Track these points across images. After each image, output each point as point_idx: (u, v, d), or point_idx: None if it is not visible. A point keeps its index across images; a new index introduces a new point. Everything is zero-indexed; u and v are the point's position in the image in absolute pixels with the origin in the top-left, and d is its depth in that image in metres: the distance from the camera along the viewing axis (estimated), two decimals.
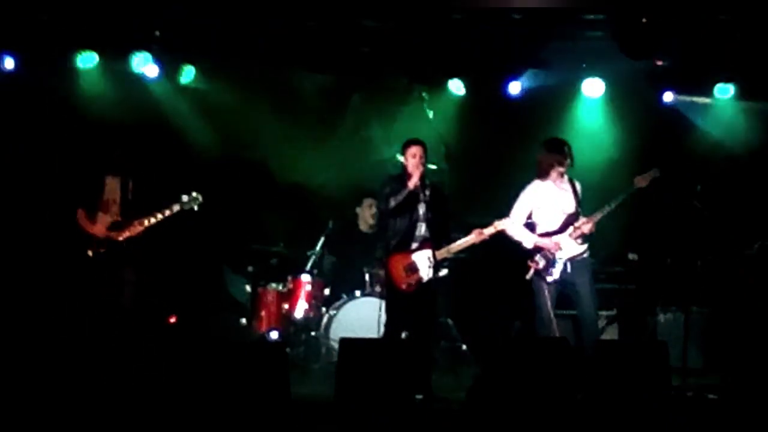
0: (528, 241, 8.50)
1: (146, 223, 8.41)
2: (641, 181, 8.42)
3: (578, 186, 8.61)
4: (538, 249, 8.46)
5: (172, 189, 8.62)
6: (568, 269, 8.42)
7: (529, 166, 8.70)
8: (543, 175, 8.53)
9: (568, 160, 8.50)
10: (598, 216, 8.43)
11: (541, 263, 8.44)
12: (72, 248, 8.41)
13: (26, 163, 9.82)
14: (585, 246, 8.49)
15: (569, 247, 8.45)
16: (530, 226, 8.55)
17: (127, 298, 8.43)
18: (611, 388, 6.95)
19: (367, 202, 10.11)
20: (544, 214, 8.55)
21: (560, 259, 8.42)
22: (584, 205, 8.57)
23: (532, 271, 8.46)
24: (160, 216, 8.43)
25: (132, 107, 10.11)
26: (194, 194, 8.53)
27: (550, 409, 6.67)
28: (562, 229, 8.50)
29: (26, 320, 8.87)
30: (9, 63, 9.91)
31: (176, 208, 8.47)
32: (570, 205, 8.54)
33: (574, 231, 8.45)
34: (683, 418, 7.08)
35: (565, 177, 8.58)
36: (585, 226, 8.43)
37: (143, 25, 9.84)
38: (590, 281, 8.48)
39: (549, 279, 8.40)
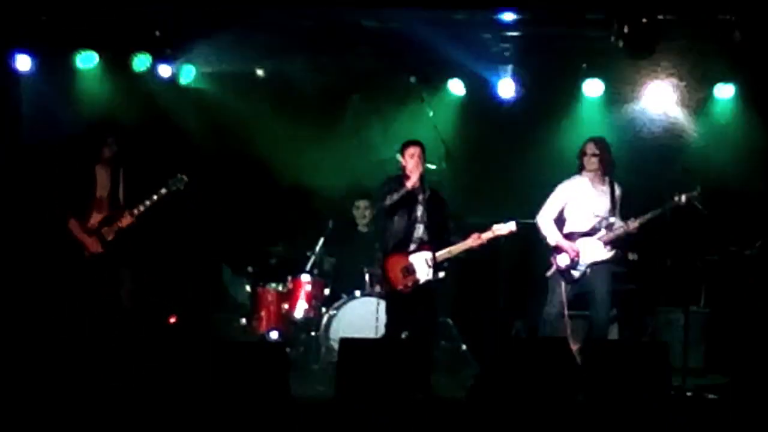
0: (552, 238, 8.46)
1: (136, 212, 8.37)
2: (681, 200, 8.32)
3: (618, 190, 8.54)
4: (559, 248, 8.42)
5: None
6: (588, 273, 8.40)
7: (530, 166, 8.70)
8: (579, 168, 8.49)
9: (592, 158, 8.43)
10: (640, 221, 8.38)
11: (564, 264, 8.40)
12: (69, 249, 8.38)
13: (25, 163, 9.81)
14: (612, 253, 8.43)
15: (597, 252, 8.40)
16: (561, 221, 8.50)
17: (126, 297, 8.42)
18: (611, 388, 6.95)
19: (362, 203, 10.13)
20: (575, 213, 8.49)
21: (585, 263, 8.38)
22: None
23: (553, 269, 8.44)
24: (148, 202, 8.39)
25: (132, 107, 10.11)
26: (179, 176, 8.49)
27: (550, 409, 6.67)
28: (591, 233, 8.45)
29: (26, 323, 8.86)
30: (24, 63, 9.91)
31: (163, 191, 8.44)
32: (603, 209, 8.46)
33: (605, 235, 8.39)
34: (683, 418, 7.08)
35: (606, 179, 8.54)
36: (618, 230, 8.37)
37: (143, 25, 9.84)
38: (608, 284, 8.45)
39: (568, 278, 8.37)
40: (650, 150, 10.22)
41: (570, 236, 8.47)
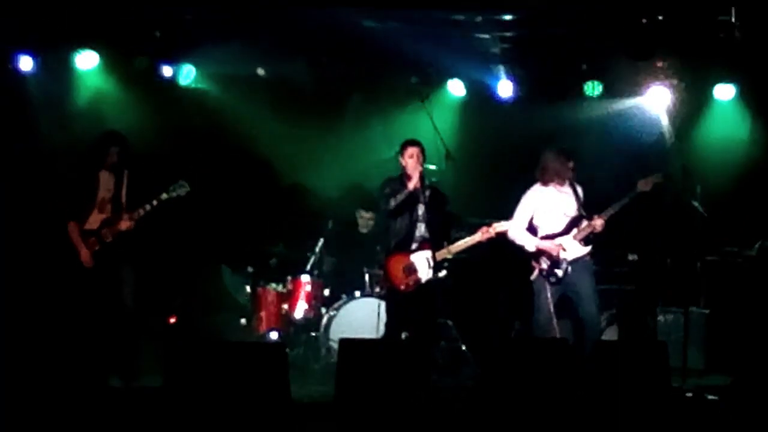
0: (530, 244, 8.50)
1: (135, 215, 8.37)
2: (644, 185, 8.40)
3: (579, 189, 8.61)
4: (540, 251, 8.47)
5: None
6: (570, 271, 8.44)
7: (530, 167, 8.70)
8: (546, 180, 8.54)
9: (572, 173, 8.54)
10: (603, 217, 8.43)
11: (545, 264, 8.44)
12: (70, 249, 8.37)
13: (27, 164, 9.81)
14: (588, 248, 8.50)
15: (573, 249, 8.46)
16: (532, 230, 8.56)
17: (126, 297, 8.41)
18: (611, 388, 6.94)
19: (366, 214, 10.14)
20: (546, 218, 8.55)
21: (564, 260, 8.43)
22: (587, 207, 8.56)
23: (536, 272, 8.47)
24: (148, 207, 8.39)
25: (132, 107, 10.12)
26: (180, 182, 8.49)
27: (550, 410, 6.66)
28: (565, 232, 8.50)
29: (27, 323, 8.86)
30: (27, 64, 9.91)
31: (164, 196, 8.42)
32: (571, 208, 8.55)
33: (579, 233, 8.45)
34: (683, 418, 7.08)
35: (566, 181, 8.60)
36: (588, 228, 8.43)
37: (143, 26, 9.84)
38: (591, 282, 8.50)
39: (552, 279, 8.41)
40: (649, 150, 10.23)
41: (546, 239, 8.51)
